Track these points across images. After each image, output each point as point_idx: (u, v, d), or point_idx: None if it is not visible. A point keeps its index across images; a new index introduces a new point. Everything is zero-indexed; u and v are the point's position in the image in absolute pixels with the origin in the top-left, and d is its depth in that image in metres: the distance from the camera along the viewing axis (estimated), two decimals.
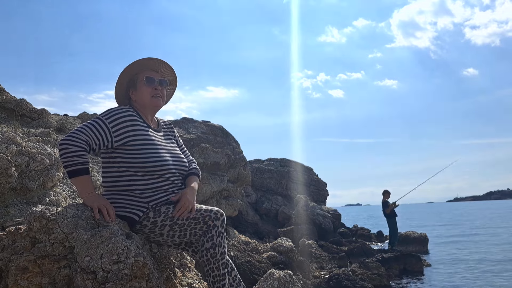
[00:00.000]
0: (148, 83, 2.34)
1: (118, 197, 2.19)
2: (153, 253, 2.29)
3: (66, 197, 3.39)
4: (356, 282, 6.65)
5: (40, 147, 3.32)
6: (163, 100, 2.41)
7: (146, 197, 2.17)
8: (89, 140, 2.08)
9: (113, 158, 2.21)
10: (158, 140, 2.31)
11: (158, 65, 2.43)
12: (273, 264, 6.90)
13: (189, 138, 9.58)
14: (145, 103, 2.35)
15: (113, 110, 2.22)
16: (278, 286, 3.72)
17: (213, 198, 9.63)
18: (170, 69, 2.49)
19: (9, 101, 5.83)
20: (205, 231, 2.16)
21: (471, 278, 8.60)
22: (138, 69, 2.39)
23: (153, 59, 2.41)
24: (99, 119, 2.16)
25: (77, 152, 2.04)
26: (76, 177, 2.05)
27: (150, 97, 2.34)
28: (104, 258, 1.88)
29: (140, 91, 2.35)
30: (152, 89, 2.35)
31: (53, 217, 1.95)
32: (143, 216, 2.16)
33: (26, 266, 1.90)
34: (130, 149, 2.18)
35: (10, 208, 2.86)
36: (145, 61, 2.38)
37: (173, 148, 2.41)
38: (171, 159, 2.29)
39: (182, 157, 2.42)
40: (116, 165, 2.20)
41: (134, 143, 2.18)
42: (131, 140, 2.18)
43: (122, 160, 2.18)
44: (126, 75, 2.38)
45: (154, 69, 2.43)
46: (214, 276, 2.16)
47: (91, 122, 2.15)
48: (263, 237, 12.36)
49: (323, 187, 19.97)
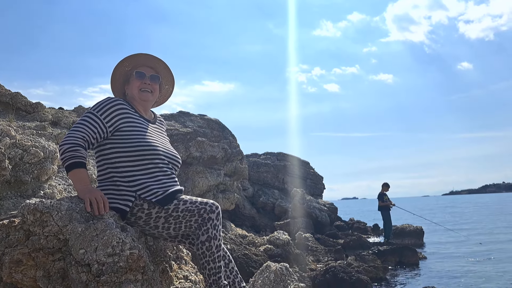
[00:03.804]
0: (138, 77, 2.37)
1: (107, 188, 2.19)
2: (148, 245, 2.28)
3: (61, 191, 3.36)
4: (352, 274, 6.68)
5: (34, 139, 3.29)
6: (153, 95, 2.42)
7: (134, 186, 2.15)
8: (85, 136, 2.11)
9: (103, 146, 2.22)
10: (149, 128, 2.34)
11: (152, 61, 2.44)
12: (270, 257, 6.92)
13: (185, 132, 9.55)
14: (135, 97, 2.37)
15: (102, 101, 2.24)
16: (275, 279, 3.73)
17: (210, 191, 9.63)
18: (165, 66, 2.49)
19: (4, 94, 5.77)
20: (200, 224, 2.15)
21: (466, 271, 8.67)
22: (133, 65, 2.41)
23: (146, 55, 2.42)
24: (90, 113, 2.18)
25: (72, 147, 2.06)
26: (71, 170, 2.05)
27: (138, 90, 2.36)
28: (99, 251, 1.86)
29: (131, 85, 2.39)
30: (141, 83, 2.37)
31: (47, 210, 1.93)
32: (134, 206, 2.14)
33: (20, 259, 1.88)
34: (121, 134, 2.20)
35: (4, 201, 2.84)
36: (138, 56, 2.40)
37: (164, 139, 2.44)
38: (160, 146, 2.29)
39: (173, 150, 2.43)
40: (107, 152, 2.21)
41: (125, 128, 2.21)
42: (122, 126, 2.20)
43: (113, 147, 2.19)
44: (121, 71, 2.42)
45: (149, 65, 2.44)
46: (210, 269, 2.15)
47: (83, 118, 2.17)
48: (260, 230, 12.40)
49: (319, 180, 20.04)
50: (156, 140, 2.31)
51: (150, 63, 2.44)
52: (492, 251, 11.09)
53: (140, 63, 2.41)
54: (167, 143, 2.44)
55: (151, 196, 2.13)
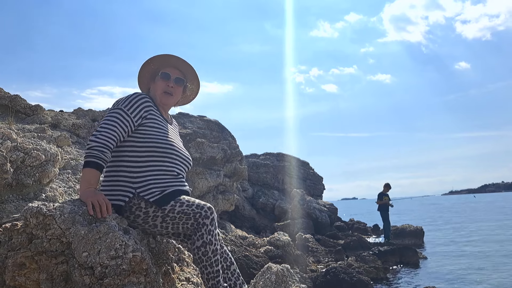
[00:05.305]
0: (163, 78, 2.40)
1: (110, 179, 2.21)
2: (151, 248, 2.29)
3: (62, 193, 3.37)
4: (353, 275, 6.69)
5: (35, 142, 3.29)
6: (174, 98, 2.46)
7: (136, 182, 2.17)
8: (117, 136, 2.15)
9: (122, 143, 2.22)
10: (169, 128, 2.39)
11: (182, 64, 2.46)
12: (270, 258, 6.93)
13: (185, 133, 9.55)
14: (157, 98, 2.41)
15: (131, 97, 2.26)
16: (276, 280, 3.74)
17: (210, 193, 9.63)
18: (192, 70, 2.51)
19: (3, 97, 5.77)
20: (196, 229, 2.16)
21: (466, 271, 8.68)
22: (161, 64, 2.43)
23: (176, 57, 2.44)
24: (121, 111, 2.20)
25: (101, 147, 2.08)
26: (87, 167, 2.07)
27: (161, 92, 2.39)
28: (102, 254, 1.87)
29: (156, 84, 2.42)
30: (165, 84, 2.40)
31: (50, 213, 1.94)
32: (133, 205, 2.15)
33: (23, 262, 1.89)
34: (143, 129, 2.23)
35: (6, 204, 2.84)
36: (167, 57, 2.42)
37: (180, 141, 2.49)
38: (177, 146, 2.34)
39: (187, 151, 2.47)
40: (125, 144, 2.22)
41: (148, 124, 2.25)
42: (146, 121, 2.25)
43: (132, 140, 2.22)
44: (148, 68, 2.45)
45: (177, 67, 2.46)
46: (208, 273, 2.16)
47: (115, 116, 2.18)
48: (259, 231, 12.40)
49: (319, 181, 20.03)
50: (174, 139, 2.36)
51: (177, 65, 2.46)
52: (492, 252, 11.09)
53: (167, 63, 2.43)
54: (182, 144, 2.49)
55: (148, 196, 2.15)
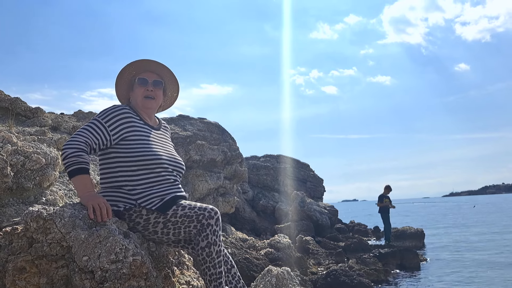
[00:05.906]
0: (141, 84, 2.38)
1: (108, 193, 2.20)
2: (151, 251, 2.29)
3: (63, 196, 3.37)
4: (354, 277, 6.68)
5: (35, 146, 3.29)
6: (157, 102, 2.43)
7: (136, 194, 2.16)
8: (88, 141, 2.12)
9: (108, 155, 2.23)
10: (153, 136, 2.34)
11: (155, 67, 2.44)
12: (271, 260, 6.92)
13: (185, 135, 9.55)
14: (138, 104, 2.38)
15: (108, 109, 2.25)
16: (276, 283, 3.73)
17: (210, 195, 9.63)
18: (168, 71, 2.49)
19: (3, 99, 5.78)
20: (200, 230, 2.15)
21: (467, 273, 8.66)
22: (137, 71, 2.42)
23: (148, 61, 2.42)
24: (95, 120, 2.20)
25: (75, 153, 2.06)
26: (74, 176, 2.06)
27: (142, 98, 2.37)
28: (102, 258, 1.87)
29: (135, 92, 2.40)
30: (144, 89, 2.37)
31: (50, 217, 1.94)
32: (133, 213, 2.15)
33: (23, 266, 1.89)
34: (125, 143, 2.21)
35: (6, 208, 2.84)
36: (140, 63, 2.40)
37: (169, 146, 2.44)
38: (165, 155, 2.30)
39: (177, 156, 2.43)
40: (111, 161, 2.22)
41: (130, 137, 2.22)
42: (127, 135, 2.22)
43: (117, 155, 2.20)
44: (125, 78, 2.43)
45: (153, 71, 2.44)
46: (211, 274, 2.15)
47: (88, 124, 2.19)
48: (260, 233, 12.39)
49: (319, 183, 20.03)
50: (160, 148, 2.32)
51: (153, 68, 2.44)
52: (493, 252, 11.08)
53: (142, 69, 2.41)
54: (171, 149, 2.44)
55: (150, 205, 2.14)
